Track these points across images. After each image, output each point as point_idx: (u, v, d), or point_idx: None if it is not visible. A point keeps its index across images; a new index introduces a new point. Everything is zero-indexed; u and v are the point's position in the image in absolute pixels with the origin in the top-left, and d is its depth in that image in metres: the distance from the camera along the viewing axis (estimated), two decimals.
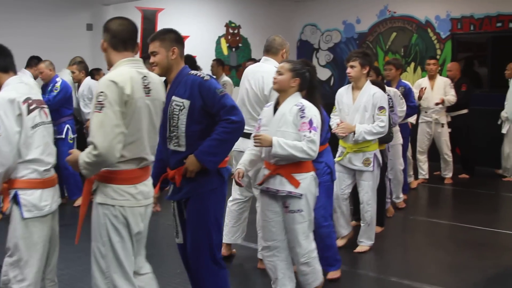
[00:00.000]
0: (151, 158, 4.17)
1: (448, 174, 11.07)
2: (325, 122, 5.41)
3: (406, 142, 9.06)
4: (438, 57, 13.07)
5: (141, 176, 4.07)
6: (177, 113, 4.49)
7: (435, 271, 6.49)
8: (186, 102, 4.46)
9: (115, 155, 3.78)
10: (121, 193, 3.95)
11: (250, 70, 6.51)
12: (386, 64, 9.12)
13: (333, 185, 6.05)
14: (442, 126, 10.80)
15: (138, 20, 12.22)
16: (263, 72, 6.21)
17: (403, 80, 9.18)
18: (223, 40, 13.97)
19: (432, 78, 10.76)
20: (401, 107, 8.30)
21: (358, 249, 6.94)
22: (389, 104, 7.30)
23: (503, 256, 6.99)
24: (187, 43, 13.00)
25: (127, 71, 3.96)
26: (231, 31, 14.15)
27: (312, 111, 5.00)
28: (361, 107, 6.53)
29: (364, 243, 6.95)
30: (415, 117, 10.34)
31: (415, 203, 9.36)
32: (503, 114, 11.23)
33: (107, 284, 3.97)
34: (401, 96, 8.37)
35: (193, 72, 4.62)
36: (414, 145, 10.75)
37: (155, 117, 4.14)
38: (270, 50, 6.46)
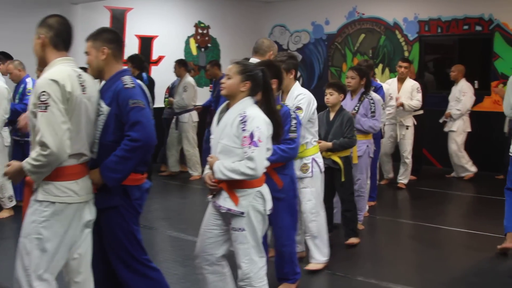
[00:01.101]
0: (89, 154, 4.19)
1: (404, 180, 10.79)
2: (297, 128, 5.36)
3: (377, 143, 8.86)
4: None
5: (82, 172, 4.10)
6: (98, 118, 4.26)
7: (402, 271, 6.57)
8: (106, 109, 4.24)
9: (66, 152, 3.87)
10: (63, 190, 3.98)
11: None
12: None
13: (296, 202, 5.68)
14: (407, 129, 10.65)
15: (106, 19, 12.16)
16: None
17: (374, 81, 9.13)
18: (192, 40, 13.94)
19: (401, 80, 10.67)
20: (383, 117, 8.35)
21: (310, 266, 6.31)
22: (371, 109, 7.68)
23: (467, 255, 7.09)
24: (155, 42, 13.15)
25: (65, 69, 4.03)
26: (200, 31, 14.12)
27: (256, 122, 4.43)
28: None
29: (316, 260, 6.31)
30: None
31: (381, 203, 9.40)
32: (455, 112, 11.38)
33: (27, 281, 3.94)
34: (383, 105, 8.41)
35: (124, 77, 4.33)
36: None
37: (92, 114, 4.19)
38: (258, 52, 6.73)
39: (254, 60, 6.53)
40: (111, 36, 4.46)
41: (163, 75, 12.21)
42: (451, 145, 11.48)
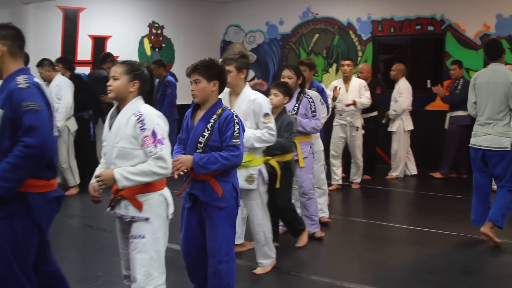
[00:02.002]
0: None
1: (357, 179, 10.82)
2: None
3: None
4: (359, 58, 13.30)
5: None
6: None
7: (355, 269, 6.62)
8: (0, 112, 3.95)
9: None
10: None
11: None
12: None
13: (237, 212, 5.08)
14: (357, 130, 10.47)
15: (59, 19, 12.03)
16: None
17: (316, 81, 8.85)
18: (146, 41, 13.86)
19: (347, 79, 10.46)
20: (323, 112, 7.98)
21: (259, 270, 6.25)
22: (311, 108, 7.40)
23: (420, 252, 7.15)
24: (109, 43, 13.03)
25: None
26: (154, 31, 14.04)
27: (154, 120, 4.23)
28: (240, 115, 5.38)
29: (264, 264, 6.26)
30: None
31: (333, 202, 9.46)
32: (391, 112, 11.54)
33: None
34: (322, 100, 8.05)
35: (19, 77, 4.02)
36: (328, 149, 10.32)
37: None
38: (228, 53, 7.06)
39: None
40: (7, 32, 4.13)
41: None
42: (393, 144, 11.62)
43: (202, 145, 4.78)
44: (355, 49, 13.51)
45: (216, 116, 4.79)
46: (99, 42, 12.72)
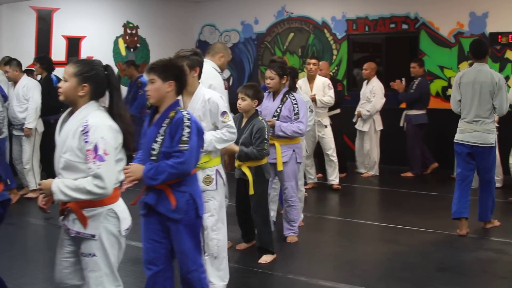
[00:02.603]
0: None
1: (335, 179, 10.57)
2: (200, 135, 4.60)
3: None
4: (334, 57, 13.34)
5: None
6: None
7: (331, 267, 6.64)
8: None
9: None
10: None
11: None
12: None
13: (199, 222, 4.82)
14: (325, 127, 10.37)
15: (32, 20, 11.93)
16: (205, 74, 6.54)
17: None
18: (120, 41, 13.79)
19: (311, 78, 10.24)
20: (310, 120, 7.92)
21: None
22: (294, 110, 7.09)
23: (396, 250, 7.18)
24: (83, 43, 12.95)
25: None
26: (129, 31, 13.98)
27: (99, 132, 3.85)
28: (195, 116, 5.03)
29: (214, 285, 5.65)
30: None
31: (308, 200, 9.45)
32: (365, 112, 11.55)
33: None
34: (311, 107, 8.02)
35: None
36: None
37: None
38: (209, 53, 7.12)
39: (206, 60, 6.77)
40: None
41: None
42: (365, 144, 11.64)
43: (155, 152, 4.46)
44: (330, 48, 13.55)
45: (168, 119, 4.48)
46: (73, 43, 12.64)
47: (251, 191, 6.39)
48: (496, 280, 6.19)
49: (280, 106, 7.17)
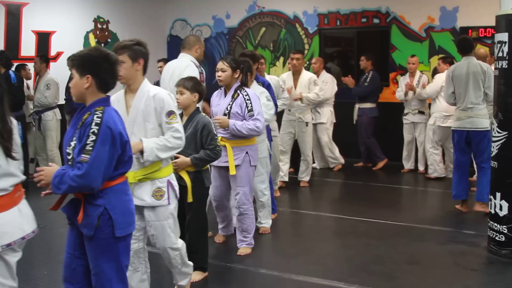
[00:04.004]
0: None
1: (306, 177, 10.46)
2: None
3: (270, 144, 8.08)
4: (306, 51, 13.33)
5: None
6: None
7: (303, 262, 6.61)
8: None
9: None
10: None
11: (171, 66, 7.28)
12: (239, 56, 7.83)
13: (119, 244, 4.04)
14: (307, 125, 10.09)
15: (1, 15, 11.78)
16: (181, 68, 7.00)
17: (263, 76, 8.43)
18: (91, 36, 13.67)
19: (296, 73, 10.02)
20: (269, 109, 7.41)
21: None
22: (247, 106, 6.50)
23: (367, 243, 7.20)
24: (53, 38, 12.84)
25: None
26: (99, 26, 13.87)
27: None
28: (139, 115, 4.79)
29: (183, 285, 5.42)
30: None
31: (280, 195, 9.51)
32: (313, 96, 11.33)
33: None
34: (268, 96, 7.47)
35: None
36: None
37: None
38: (185, 47, 7.27)
39: (182, 54, 7.26)
40: None
41: (62, 71, 11.91)
42: (323, 136, 11.50)
43: (70, 157, 3.93)
44: (302, 42, 13.55)
45: (81, 122, 3.91)
46: (43, 38, 12.50)
47: (190, 199, 5.60)
48: (468, 273, 6.22)
49: (231, 102, 6.52)
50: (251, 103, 6.47)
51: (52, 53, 12.61)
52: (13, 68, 10.44)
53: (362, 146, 11.99)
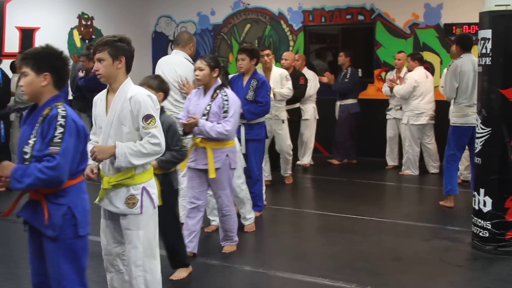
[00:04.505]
0: None
1: (288, 171, 10.30)
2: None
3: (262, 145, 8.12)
4: (291, 48, 13.33)
5: None
6: None
7: (288, 258, 6.63)
8: None
9: None
10: None
11: (164, 62, 7.40)
12: (238, 52, 7.84)
13: (80, 243, 3.99)
14: (283, 122, 9.74)
15: None
16: (174, 64, 7.15)
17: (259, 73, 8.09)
18: (75, 32, 13.62)
19: (267, 70, 9.37)
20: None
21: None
22: (224, 107, 6.26)
23: (352, 240, 7.21)
24: (37, 34, 12.76)
25: None
26: (84, 22, 13.82)
27: None
28: (116, 118, 4.42)
29: None
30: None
31: (266, 192, 9.44)
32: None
33: None
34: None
35: None
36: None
37: None
38: (179, 44, 7.33)
39: (177, 52, 7.32)
40: None
41: None
42: (306, 132, 11.41)
43: (27, 157, 3.83)
44: (287, 39, 13.55)
45: (41, 118, 3.83)
46: (27, 34, 12.44)
47: (159, 202, 5.01)
48: (452, 269, 6.26)
49: (211, 103, 6.26)
50: (228, 104, 6.22)
51: None
52: (1, 65, 10.38)
53: (345, 142, 11.98)
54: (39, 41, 12.48)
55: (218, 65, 6.35)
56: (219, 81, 6.40)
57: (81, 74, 10.88)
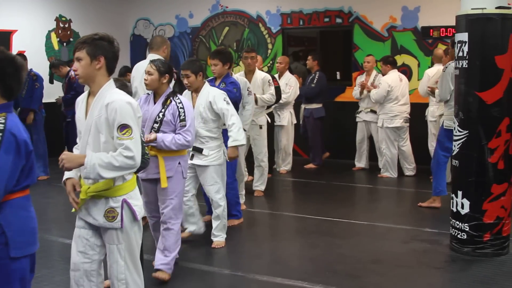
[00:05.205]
0: None
1: (261, 186, 9.70)
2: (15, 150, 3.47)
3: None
4: (269, 51, 13.37)
5: None
6: None
7: (267, 262, 6.67)
8: None
9: None
10: None
11: (141, 66, 7.38)
12: (211, 56, 7.81)
13: (14, 266, 3.52)
14: (261, 128, 9.41)
15: None
16: None
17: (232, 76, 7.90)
18: (53, 35, 13.54)
19: (250, 73, 9.30)
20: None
21: None
22: (180, 115, 5.84)
23: (331, 243, 7.22)
24: (15, 37, 12.68)
25: None
26: (61, 25, 13.75)
27: None
28: (93, 124, 4.08)
29: None
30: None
31: (249, 196, 9.44)
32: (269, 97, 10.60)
33: None
34: (226, 99, 6.85)
35: None
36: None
37: None
38: (153, 47, 7.53)
39: (152, 55, 7.32)
40: None
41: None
42: (282, 139, 11.30)
43: None
44: (265, 42, 13.57)
45: None
46: (3, 37, 12.34)
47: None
48: (431, 271, 6.28)
49: (163, 110, 5.83)
50: (184, 111, 5.80)
51: (13, 52, 12.43)
52: None
53: (317, 146, 12.01)
54: (16, 44, 12.41)
55: (168, 70, 5.91)
56: (171, 88, 5.99)
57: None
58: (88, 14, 14.15)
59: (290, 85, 11.13)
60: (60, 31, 13.71)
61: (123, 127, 3.97)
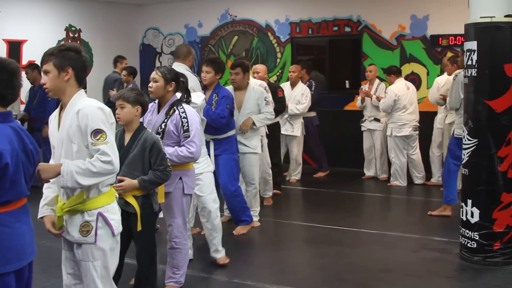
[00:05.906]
0: None
1: (268, 193, 9.55)
2: None
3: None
4: (278, 60, 13.39)
5: None
6: None
7: (276, 270, 6.62)
8: None
9: None
10: None
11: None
12: (205, 63, 7.47)
13: None
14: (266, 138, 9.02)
15: None
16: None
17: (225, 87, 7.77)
18: None
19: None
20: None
21: None
22: (183, 126, 5.53)
23: (340, 251, 7.20)
24: (25, 47, 12.74)
25: None
26: (71, 35, 13.81)
27: None
28: (65, 135, 3.92)
29: None
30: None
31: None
32: (295, 111, 10.90)
33: None
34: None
35: None
36: None
37: None
38: (180, 57, 7.34)
39: (177, 64, 7.20)
40: None
41: None
42: (294, 149, 11.26)
43: None
44: (274, 51, 13.59)
45: None
46: (14, 47, 12.42)
47: (139, 227, 4.96)
48: (441, 280, 6.26)
49: (166, 120, 5.55)
50: (187, 121, 5.48)
51: (24, 62, 12.51)
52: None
53: (321, 153, 12.01)
54: (26, 53, 12.47)
55: (175, 78, 5.64)
56: (177, 96, 5.70)
57: None
58: (98, 24, 14.21)
59: (307, 95, 10.96)
60: (70, 41, 13.73)
61: (97, 132, 3.82)
